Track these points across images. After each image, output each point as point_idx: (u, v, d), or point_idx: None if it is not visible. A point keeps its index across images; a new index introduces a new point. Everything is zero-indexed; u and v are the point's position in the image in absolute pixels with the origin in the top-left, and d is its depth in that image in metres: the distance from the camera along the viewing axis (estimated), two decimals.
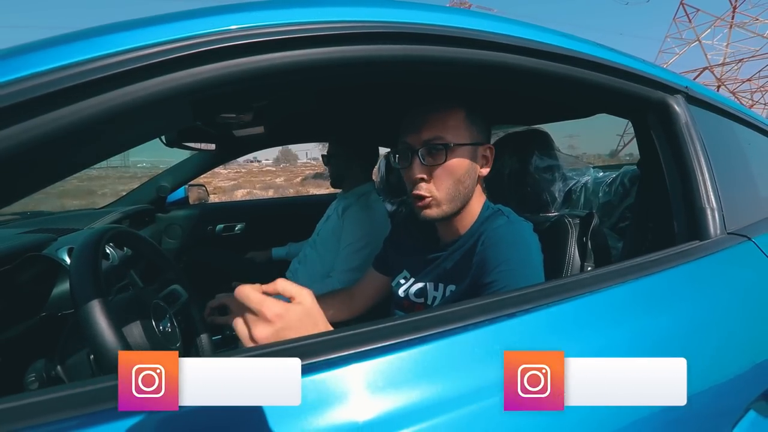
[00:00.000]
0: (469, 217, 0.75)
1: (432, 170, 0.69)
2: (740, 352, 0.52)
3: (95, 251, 0.59)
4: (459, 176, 0.70)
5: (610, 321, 0.49)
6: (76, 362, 0.58)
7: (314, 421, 0.34)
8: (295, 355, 0.36)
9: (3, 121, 0.30)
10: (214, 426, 0.33)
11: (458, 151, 0.69)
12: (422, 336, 0.40)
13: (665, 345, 0.49)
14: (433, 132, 0.69)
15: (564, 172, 0.94)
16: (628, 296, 0.52)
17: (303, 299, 0.46)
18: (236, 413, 0.33)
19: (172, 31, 0.38)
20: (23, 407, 0.29)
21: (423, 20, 0.49)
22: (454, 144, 0.68)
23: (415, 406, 0.37)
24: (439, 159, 0.68)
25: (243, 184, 18.59)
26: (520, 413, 0.39)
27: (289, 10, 0.42)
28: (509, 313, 0.45)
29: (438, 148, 0.68)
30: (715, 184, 0.66)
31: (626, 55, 0.69)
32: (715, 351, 0.50)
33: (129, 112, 0.36)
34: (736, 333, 0.54)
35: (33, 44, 0.34)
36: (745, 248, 0.63)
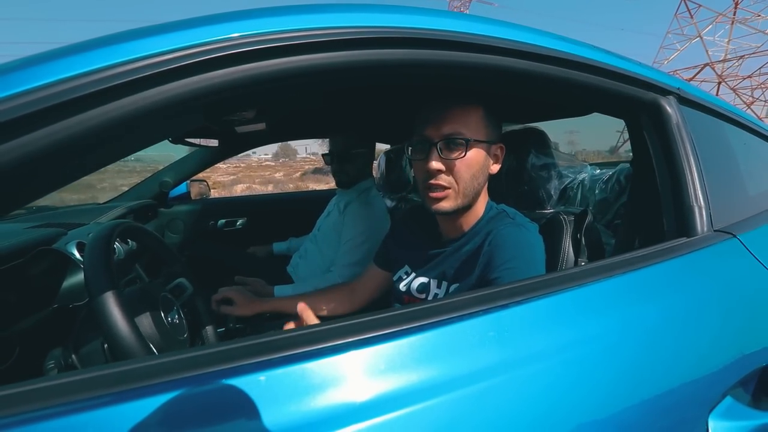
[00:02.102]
0: (473, 214, 0.77)
1: (449, 164, 0.70)
2: (721, 342, 0.55)
3: (107, 246, 0.62)
4: (474, 171, 0.72)
5: (600, 312, 0.51)
6: (90, 351, 0.61)
7: (317, 403, 0.37)
8: (297, 342, 0.40)
9: (34, 124, 0.32)
10: (215, 405, 0.35)
11: (475, 147, 0.71)
12: (420, 325, 0.43)
13: (652, 335, 0.51)
14: (453, 127, 0.70)
15: (560, 170, 0.96)
16: (617, 289, 0.54)
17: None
18: (238, 393, 0.36)
19: (184, 38, 0.40)
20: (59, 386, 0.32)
21: (424, 25, 0.51)
22: (473, 140, 0.70)
23: (413, 389, 0.40)
24: (457, 153, 0.70)
25: (242, 179, 18.58)
26: (512, 397, 0.42)
27: (298, 17, 0.44)
28: (503, 304, 0.47)
29: (457, 142, 0.70)
30: (704, 183, 0.68)
31: (620, 57, 0.71)
32: (697, 340, 0.53)
33: (145, 115, 0.38)
34: (717, 324, 0.57)
35: (60, 50, 0.36)
36: (731, 245, 0.66)
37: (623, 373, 0.48)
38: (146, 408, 0.34)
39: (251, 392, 0.36)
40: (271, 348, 0.39)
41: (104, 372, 0.35)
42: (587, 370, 0.47)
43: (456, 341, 0.43)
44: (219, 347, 0.39)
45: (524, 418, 0.42)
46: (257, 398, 0.36)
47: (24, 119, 0.32)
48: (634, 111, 0.75)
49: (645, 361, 0.49)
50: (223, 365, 0.37)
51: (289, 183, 17.01)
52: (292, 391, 0.37)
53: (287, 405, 0.36)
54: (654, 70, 0.76)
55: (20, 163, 0.32)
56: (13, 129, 0.32)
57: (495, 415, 0.41)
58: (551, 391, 0.44)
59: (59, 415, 0.32)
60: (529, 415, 0.42)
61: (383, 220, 1.43)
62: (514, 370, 0.44)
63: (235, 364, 0.37)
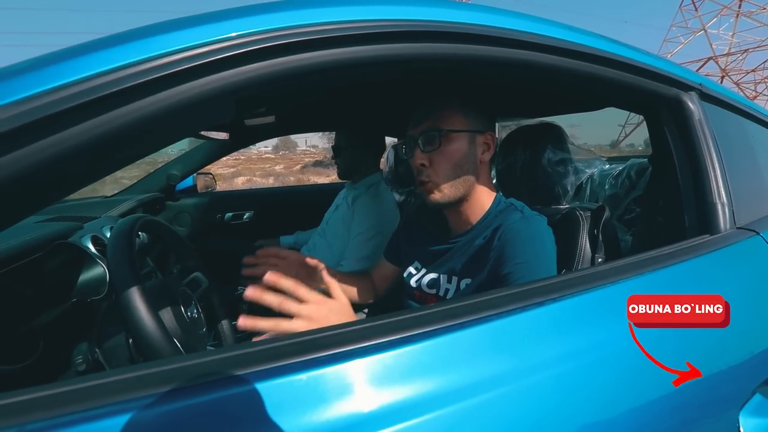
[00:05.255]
0: (478, 207, 0.77)
1: (431, 157, 0.74)
2: (747, 341, 0.55)
3: (130, 240, 0.62)
4: (456, 160, 0.74)
5: (624, 313, 0.51)
6: (114, 346, 0.61)
7: (324, 414, 0.35)
8: (305, 348, 0.38)
9: (76, 117, 0.32)
10: (222, 415, 0.34)
11: (452, 137, 0.74)
12: (432, 330, 0.41)
13: (679, 335, 0.51)
14: (429, 123, 0.74)
15: (576, 165, 0.95)
16: (641, 289, 0.54)
17: (341, 298, 0.58)
18: (245, 402, 0.34)
19: (218, 30, 0.40)
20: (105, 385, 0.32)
21: (446, 18, 0.50)
22: (447, 130, 0.73)
23: (420, 399, 0.38)
24: (434, 145, 0.73)
25: (242, 171, 18.53)
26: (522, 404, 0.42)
27: (327, 9, 0.44)
28: (517, 307, 0.46)
29: (432, 135, 0.73)
30: (726, 179, 0.68)
31: (642, 52, 0.70)
32: (725, 339, 0.53)
33: (180, 110, 0.38)
34: (745, 322, 0.57)
35: (94, 43, 0.36)
36: (754, 242, 0.65)
37: (648, 375, 0.48)
38: (133, 422, 0.31)
39: (254, 401, 0.34)
40: (275, 356, 0.37)
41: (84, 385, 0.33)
42: (611, 373, 0.47)
43: (468, 347, 0.42)
44: (212, 356, 0.37)
45: (546, 425, 0.42)
46: (259, 408, 0.34)
47: (69, 112, 0.32)
48: (655, 106, 0.74)
49: (674, 360, 0.49)
50: (219, 375, 0.35)
51: (290, 176, 16.97)
52: (295, 401, 0.35)
53: (290, 415, 0.35)
54: (676, 66, 0.75)
55: (60, 158, 0.32)
56: (57, 122, 0.32)
57: (509, 423, 0.40)
58: (573, 395, 0.44)
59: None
60: (554, 420, 0.42)
61: (393, 214, 1.44)
62: (532, 375, 0.43)
63: (234, 372, 0.35)
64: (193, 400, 0.33)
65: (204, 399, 0.33)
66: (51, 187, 0.34)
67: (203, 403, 0.33)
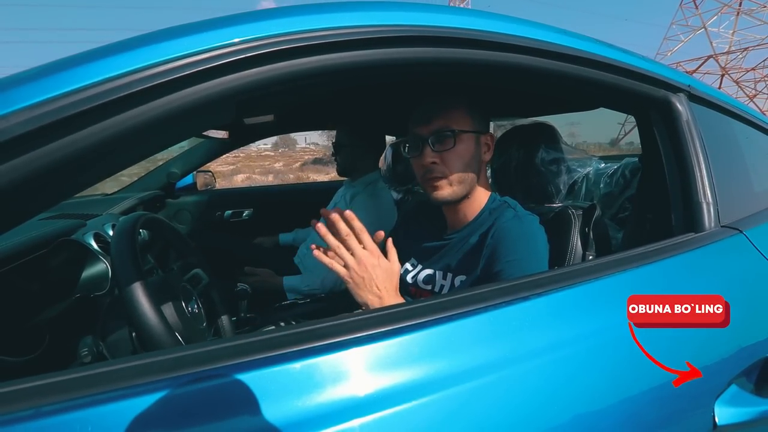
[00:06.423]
0: (475, 204, 0.80)
1: (442, 156, 0.75)
2: (727, 334, 0.57)
3: (133, 237, 0.64)
4: (466, 160, 0.77)
5: (610, 306, 0.53)
6: (117, 339, 0.63)
7: (317, 399, 0.37)
8: (306, 338, 0.40)
9: (85, 120, 0.34)
10: (214, 402, 0.36)
11: (463, 138, 0.76)
12: (423, 321, 0.44)
13: (669, 331, 0.53)
14: (441, 122, 0.76)
15: (569, 165, 0.97)
16: (626, 284, 0.56)
17: (395, 263, 0.65)
18: (243, 388, 0.36)
19: (219, 37, 0.41)
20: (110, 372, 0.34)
21: (438, 23, 0.52)
22: (460, 131, 0.76)
23: (413, 385, 0.40)
24: (447, 145, 0.75)
25: (242, 168, 18.52)
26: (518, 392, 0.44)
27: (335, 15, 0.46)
28: (508, 300, 0.49)
29: (446, 135, 0.75)
30: (712, 179, 0.70)
31: (632, 54, 0.72)
32: (705, 333, 0.55)
33: (183, 113, 0.40)
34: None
35: (103, 49, 0.38)
36: (737, 240, 0.68)
37: (632, 365, 0.50)
38: (139, 405, 0.34)
39: (252, 388, 0.36)
40: (273, 345, 0.39)
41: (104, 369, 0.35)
42: (596, 363, 0.49)
43: (458, 337, 0.45)
44: (213, 345, 0.39)
45: (533, 412, 0.44)
46: (258, 395, 0.36)
47: (77, 117, 0.34)
48: (645, 107, 0.76)
49: (655, 353, 0.51)
50: (219, 363, 0.37)
51: (289, 173, 16.97)
52: (292, 388, 0.37)
53: (287, 401, 0.37)
54: (665, 67, 0.77)
55: (73, 158, 0.34)
56: (64, 127, 0.34)
57: (496, 409, 0.43)
58: (559, 384, 0.46)
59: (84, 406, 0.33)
60: (540, 408, 0.44)
61: (390, 212, 1.45)
62: (520, 364, 0.45)
63: (234, 361, 0.37)
64: (193, 386, 0.35)
65: (203, 386, 0.36)
66: (61, 187, 0.36)
67: (203, 389, 0.35)
